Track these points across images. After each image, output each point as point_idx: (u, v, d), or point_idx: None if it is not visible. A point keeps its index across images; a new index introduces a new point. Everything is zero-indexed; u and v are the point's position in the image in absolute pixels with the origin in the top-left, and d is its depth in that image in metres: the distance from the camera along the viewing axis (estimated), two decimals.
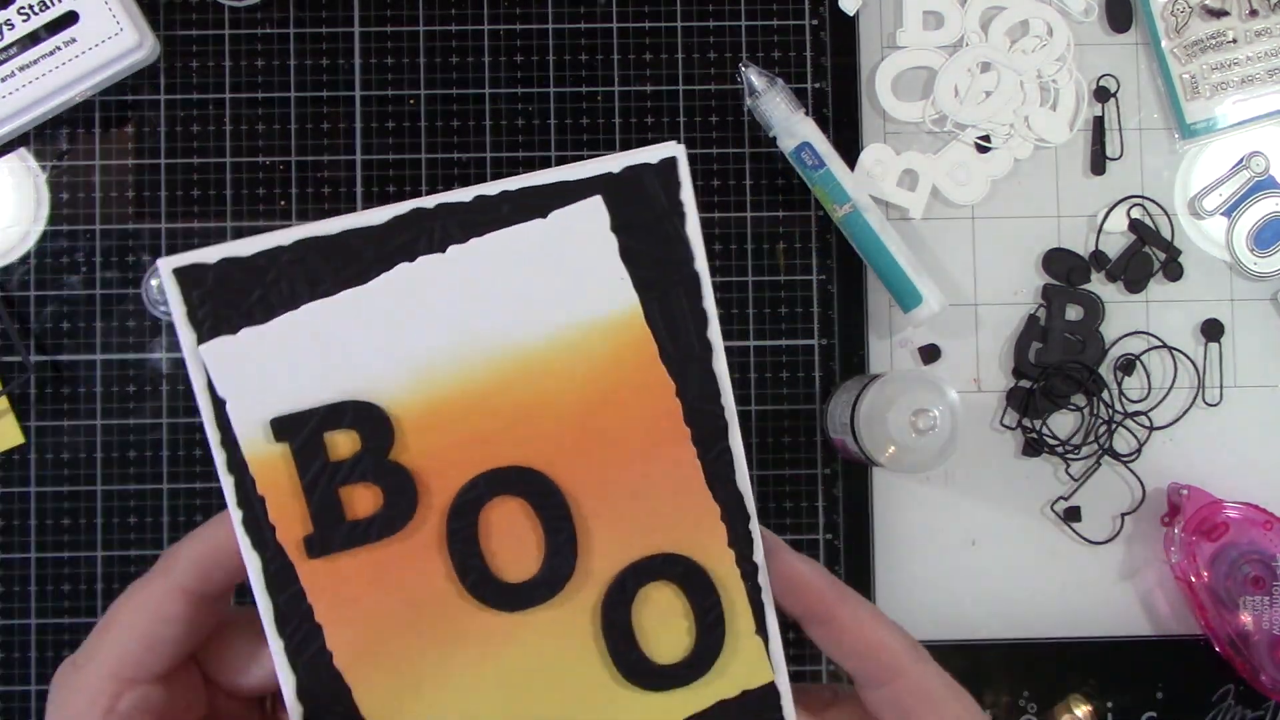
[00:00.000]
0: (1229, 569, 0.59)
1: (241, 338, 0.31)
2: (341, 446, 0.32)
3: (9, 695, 0.59)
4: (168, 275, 0.31)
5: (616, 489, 0.33)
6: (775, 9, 0.62)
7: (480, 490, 0.33)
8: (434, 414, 0.33)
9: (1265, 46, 0.61)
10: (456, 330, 0.32)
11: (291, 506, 0.32)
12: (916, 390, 0.52)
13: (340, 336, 0.32)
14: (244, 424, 0.31)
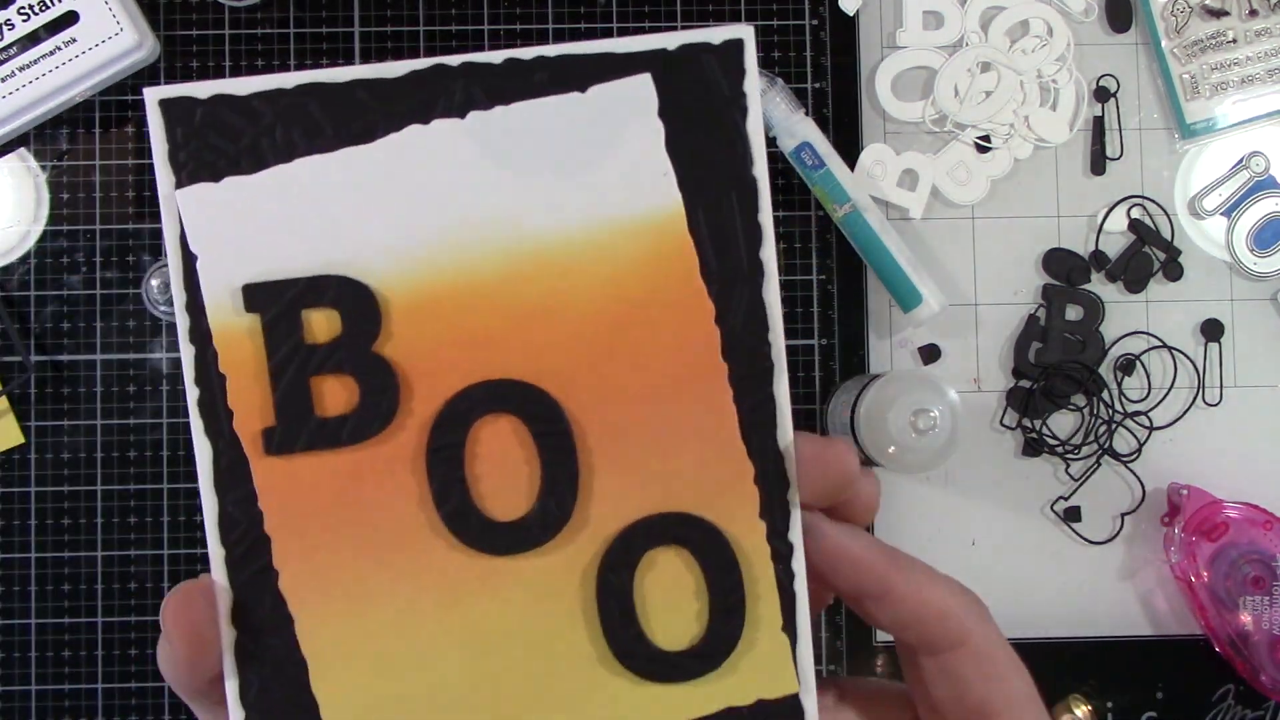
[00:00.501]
0: (1229, 569, 0.59)
1: (224, 186, 0.27)
2: (319, 329, 0.27)
3: (9, 695, 0.59)
4: (152, 106, 0.27)
5: (633, 424, 0.28)
6: (775, 9, 0.62)
7: (473, 402, 0.28)
8: (429, 305, 0.28)
9: (1265, 46, 0.61)
10: (466, 209, 0.27)
11: (253, 392, 0.27)
12: (916, 390, 0.52)
13: (333, 200, 0.27)
14: (214, 286, 0.27)
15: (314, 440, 0.27)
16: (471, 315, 0.27)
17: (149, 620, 0.59)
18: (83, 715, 0.59)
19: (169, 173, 0.27)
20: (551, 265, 0.27)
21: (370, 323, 0.27)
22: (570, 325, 0.28)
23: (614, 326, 0.28)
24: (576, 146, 0.27)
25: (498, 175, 0.27)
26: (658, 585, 0.28)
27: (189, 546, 0.59)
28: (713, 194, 0.28)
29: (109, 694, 0.59)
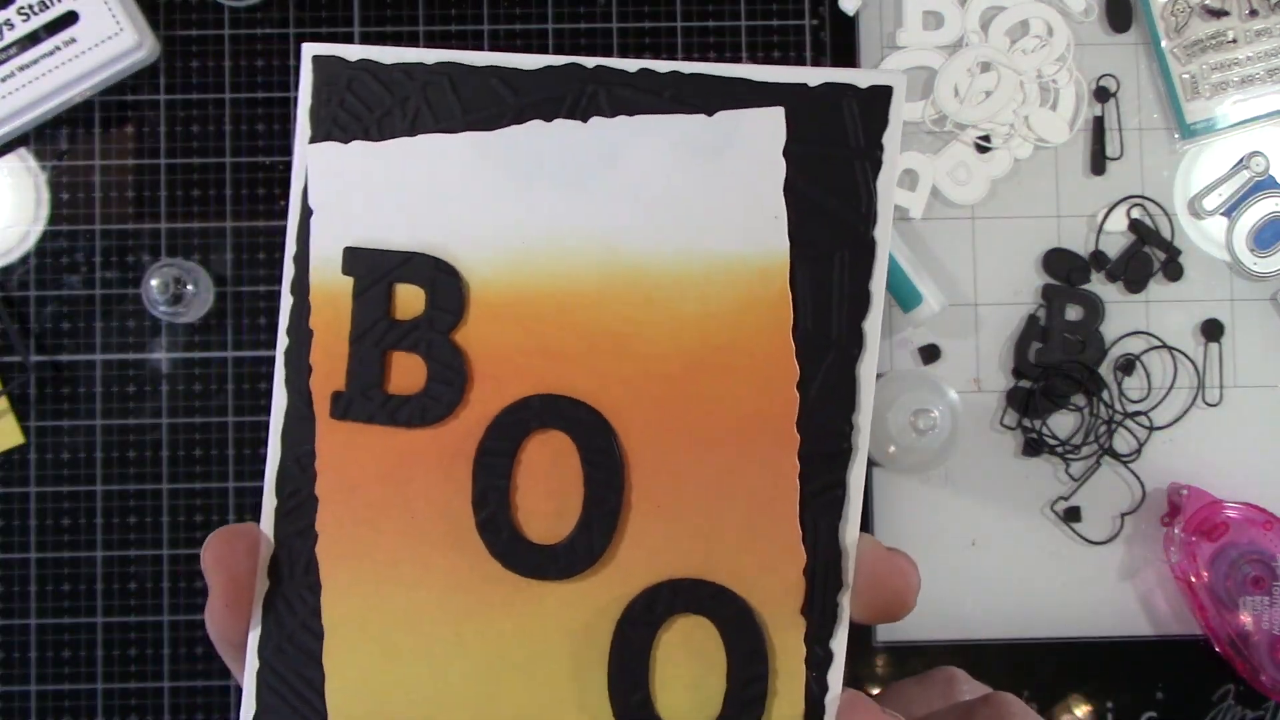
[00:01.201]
0: (1229, 569, 0.59)
1: (351, 149, 0.28)
2: (405, 305, 0.27)
3: (9, 695, 0.59)
4: (307, 61, 0.28)
5: (686, 474, 0.26)
6: (775, 9, 0.62)
7: (532, 412, 0.27)
8: (512, 305, 0.27)
9: (1265, 46, 0.61)
10: (569, 214, 0.27)
11: (333, 353, 0.27)
12: (916, 390, 0.52)
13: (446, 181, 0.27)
14: (322, 242, 0.27)
15: (378, 413, 0.27)
16: (551, 325, 0.27)
17: (149, 620, 0.59)
18: (83, 715, 0.59)
19: (308, 125, 0.28)
20: (641, 290, 0.26)
21: (453, 310, 0.27)
22: (644, 355, 0.26)
23: (689, 367, 0.26)
24: (692, 171, 0.26)
25: (606, 185, 0.27)
26: (676, 653, 0.26)
27: (189, 546, 0.59)
28: (823, 249, 0.26)
29: (109, 694, 0.59)
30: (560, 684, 0.26)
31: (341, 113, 0.28)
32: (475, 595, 0.27)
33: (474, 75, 0.27)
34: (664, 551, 0.26)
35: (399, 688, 0.27)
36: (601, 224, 0.26)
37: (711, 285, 0.26)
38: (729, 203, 0.26)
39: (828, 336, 0.26)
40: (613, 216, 0.26)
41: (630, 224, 0.26)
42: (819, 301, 0.26)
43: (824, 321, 0.26)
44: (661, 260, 0.26)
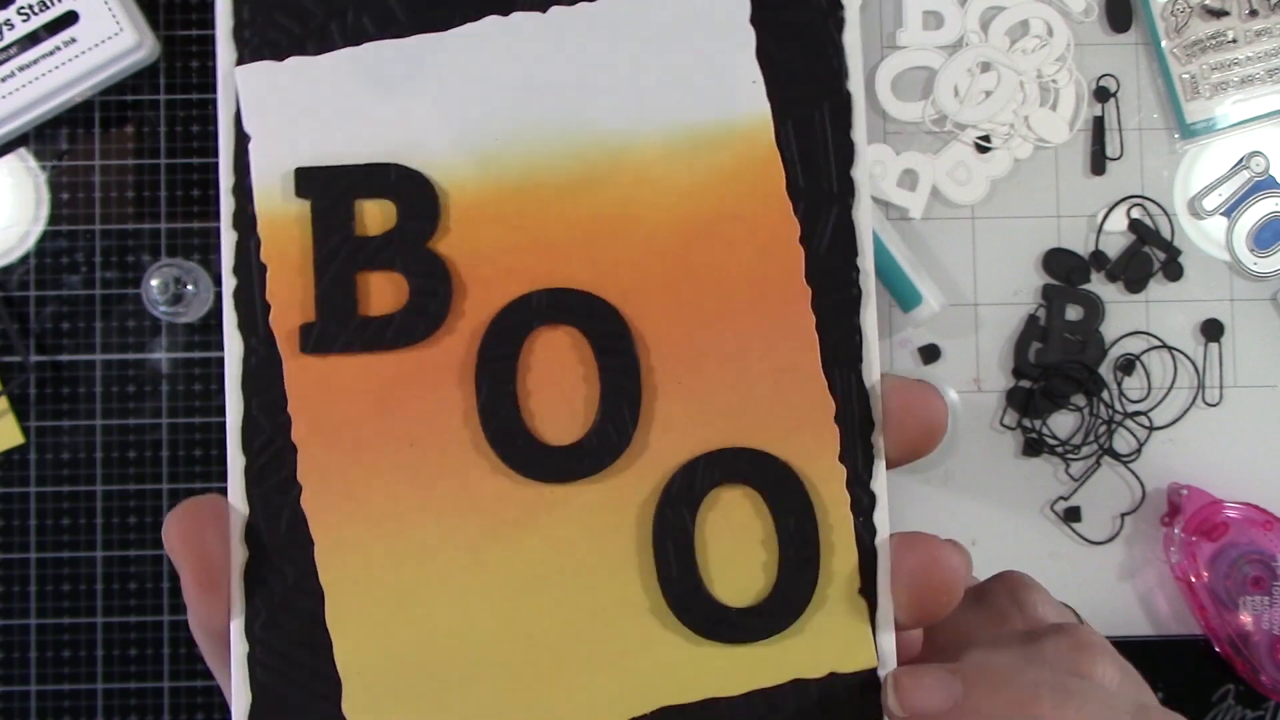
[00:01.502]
0: (1229, 569, 0.59)
1: (287, 66, 0.25)
2: (373, 220, 0.25)
3: (9, 695, 0.59)
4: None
5: (705, 347, 0.25)
6: None
7: (530, 310, 0.25)
8: (493, 204, 0.25)
9: (1265, 46, 0.61)
10: (541, 106, 0.25)
11: (295, 285, 0.25)
12: None
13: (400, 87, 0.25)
14: (264, 169, 0.25)
15: (355, 340, 0.25)
16: (537, 219, 0.25)
17: (149, 620, 0.59)
18: (83, 715, 0.59)
19: (231, 48, 0.26)
20: (626, 171, 0.25)
21: (427, 217, 0.25)
22: (642, 236, 0.25)
23: (689, 240, 0.25)
24: (663, 48, 0.25)
25: (578, 73, 0.25)
26: (722, 529, 0.25)
27: None
28: (803, 107, 0.26)
29: (109, 694, 0.59)
30: (606, 588, 0.25)
31: (271, 30, 0.26)
32: (491, 515, 0.25)
33: None
34: (693, 428, 0.25)
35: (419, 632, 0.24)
36: (577, 110, 0.25)
37: (699, 156, 0.25)
38: (705, 73, 0.26)
39: (821, 189, 0.26)
40: (587, 101, 0.25)
41: (608, 106, 0.25)
42: (807, 157, 0.26)
43: (815, 175, 0.26)
44: (645, 138, 0.25)
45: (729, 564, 0.25)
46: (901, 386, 0.25)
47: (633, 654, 0.25)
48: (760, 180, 0.25)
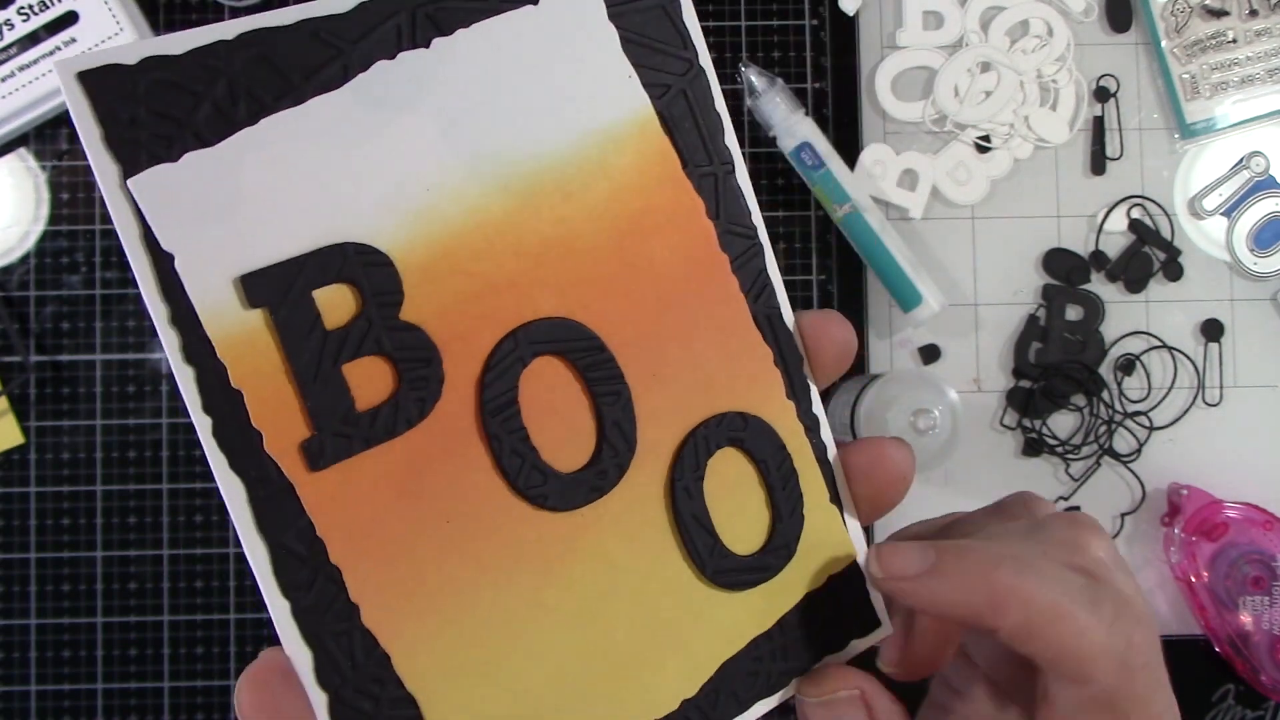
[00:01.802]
0: (1229, 569, 0.59)
1: (185, 165, 0.22)
2: (333, 308, 0.23)
3: (9, 695, 0.59)
4: (69, 83, 0.22)
5: (663, 336, 0.27)
6: (775, 9, 0.62)
7: (518, 349, 0.25)
8: (444, 258, 0.24)
9: (1265, 46, 0.61)
10: (456, 148, 0.25)
11: (278, 401, 0.23)
12: (916, 390, 0.52)
13: (315, 160, 0.23)
14: (202, 286, 0.22)
15: (361, 439, 0.23)
16: (487, 260, 0.25)
17: (149, 620, 0.59)
18: (83, 715, 0.59)
19: (110, 160, 0.22)
20: (551, 192, 0.25)
21: (391, 290, 0.24)
22: (584, 249, 0.26)
23: (622, 241, 0.26)
24: (542, 63, 0.26)
25: (477, 105, 0.25)
26: (719, 492, 0.27)
27: (188, 547, 0.59)
28: (668, 92, 0.27)
29: (109, 694, 0.59)
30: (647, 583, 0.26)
31: (153, 129, 0.22)
32: (537, 558, 0.25)
33: (289, 36, 0.23)
34: (675, 411, 0.27)
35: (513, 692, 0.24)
36: (487, 145, 0.25)
37: (607, 160, 0.26)
38: (585, 79, 0.26)
39: (706, 162, 0.27)
40: (496, 133, 0.25)
41: (513, 133, 0.25)
42: (685, 135, 0.27)
43: (696, 151, 0.27)
44: (557, 155, 0.26)
45: (734, 519, 0.27)
46: (814, 319, 0.28)
47: (688, 629, 0.26)
48: (661, 169, 0.27)
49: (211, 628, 0.59)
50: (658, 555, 0.26)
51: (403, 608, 0.23)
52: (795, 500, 0.28)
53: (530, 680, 0.25)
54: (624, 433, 0.26)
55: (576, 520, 0.25)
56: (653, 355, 0.26)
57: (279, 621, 0.23)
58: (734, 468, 0.27)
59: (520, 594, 0.25)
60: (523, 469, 0.25)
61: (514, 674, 0.24)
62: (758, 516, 0.28)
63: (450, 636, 0.24)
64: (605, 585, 0.25)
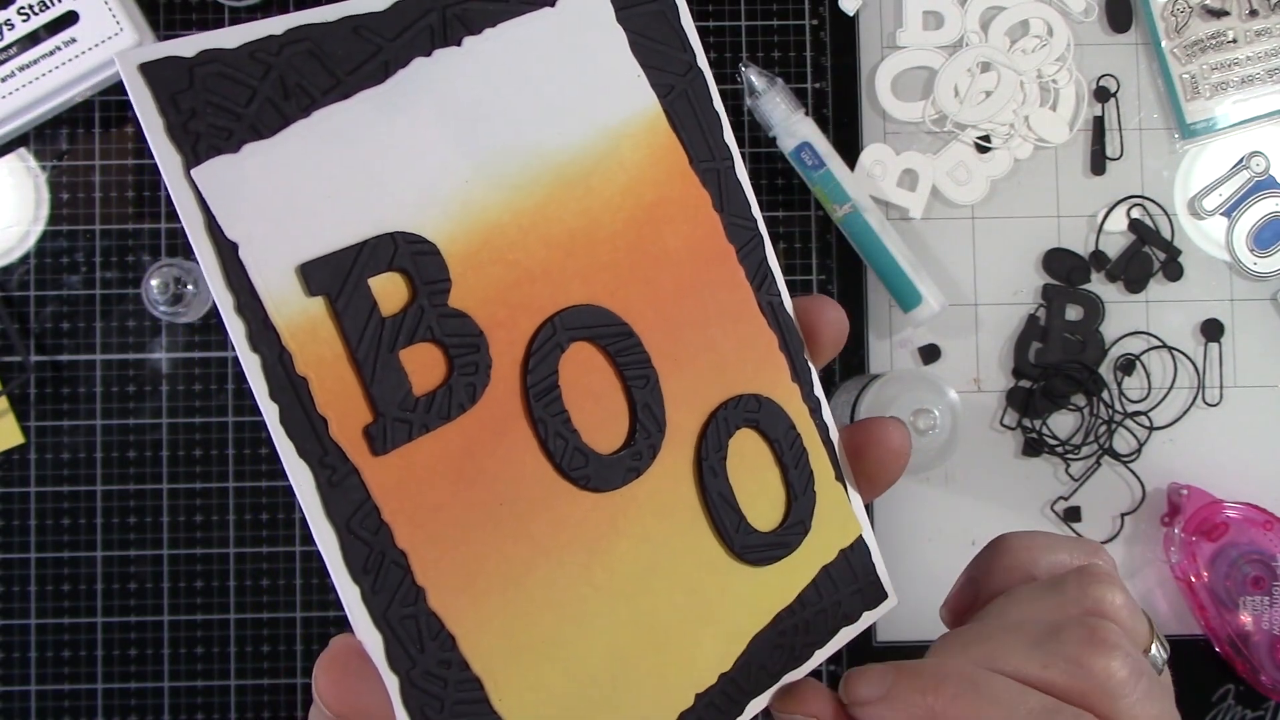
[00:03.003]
0: (1229, 569, 0.59)
1: (245, 156, 0.23)
2: (387, 296, 0.24)
3: (9, 695, 0.59)
4: (131, 75, 0.22)
5: (680, 321, 0.28)
6: (775, 9, 0.62)
7: (556, 335, 0.26)
8: (485, 247, 0.25)
9: (1265, 46, 0.61)
10: (489, 142, 0.26)
11: (343, 387, 0.23)
12: (916, 390, 0.52)
13: (363, 152, 0.24)
14: (266, 274, 0.23)
15: (421, 423, 0.24)
16: (523, 249, 0.26)
17: (149, 620, 0.59)
18: (83, 715, 0.59)
19: (173, 150, 0.22)
20: (575, 185, 0.27)
21: (440, 279, 0.24)
22: (606, 238, 0.27)
23: (640, 231, 0.28)
24: (562, 62, 0.27)
25: (507, 100, 0.26)
26: (740, 471, 0.28)
27: (189, 547, 0.59)
28: (672, 91, 0.29)
29: (109, 694, 0.59)
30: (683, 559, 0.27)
31: (213, 119, 0.23)
32: (585, 537, 0.26)
33: (334, 31, 0.24)
34: (697, 393, 0.28)
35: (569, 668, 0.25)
36: (517, 138, 0.26)
37: (623, 154, 0.28)
38: (600, 78, 0.28)
39: (709, 158, 0.29)
40: (523, 129, 0.27)
41: (539, 129, 0.27)
42: (690, 131, 0.29)
43: (700, 147, 0.29)
44: (579, 149, 0.27)
45: (755, 498, 0.29)
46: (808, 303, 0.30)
47: (719, 604, 0.28)
48: (670, 163, 0.29)
49: (211, 628, 0.59)
50: (689, 533, 0.27)
51: (466, 589, 0.24)
52: (807, 479, 0.29)
53: (584, 657, 0.26)
54: (655, 415, 0.27)
55: (616, 500, 0.26)
56: (671, 339, 0.28)
57: (350, 606, 0.23)
58: (751, 448, 0.29)
59: (571, 573, 0.26)
60: (566, 451, 0.26)
61: (569, 651, 0.25)
62: (776, 494, 0.29)
63: (509, 617, 0.25)
64: (646, 562, 0.27)
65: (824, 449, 0.30)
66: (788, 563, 0.29)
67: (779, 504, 0.29)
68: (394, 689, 0.23)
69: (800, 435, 0.29)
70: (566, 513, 0.26)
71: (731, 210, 0.29)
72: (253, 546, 0.59)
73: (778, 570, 0.29)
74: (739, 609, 0.28)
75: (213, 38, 0.23)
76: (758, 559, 0.28)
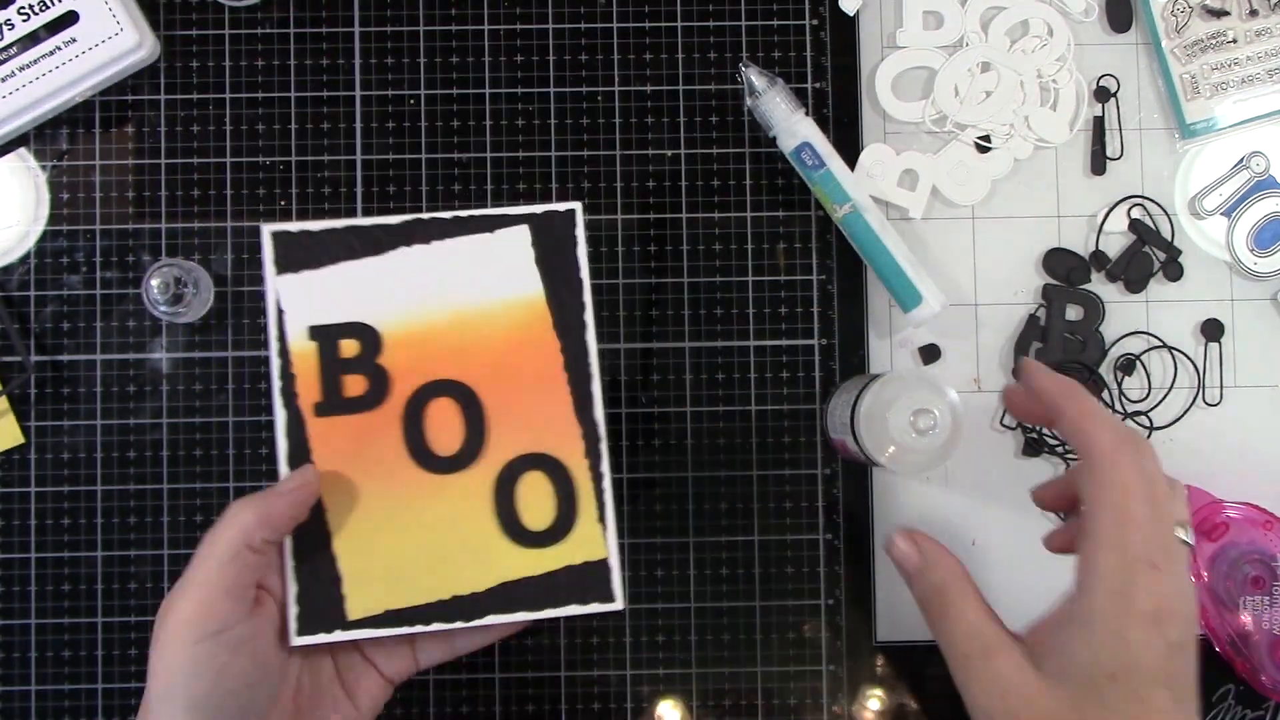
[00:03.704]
0: (1229, 569, 0.59)
1: (302, 276, 0.53)
2: (347, 349, 0.52)
3: (9, 695, 0.59)
4: (267, 235, 0.52)
5: (515, 405, 0.53)
6: (775, 9, 0.62)
7: (429, 390, 0.52)
8: (407, 339, 0.52)
9: (1265, 46, 0.61)
10: (429, 289, 0.53)
11: (311, 382, 0.52)
12: (916, 390, 0.52)
13: (359, 283, 0.53)
14: (294, 327, 0.52)
15: (343, 408, 0.52)
16: (429, 344, 0.53)
17: (149, 620, 0.59)
18: (83, 715, 0.59)
19: (273, 267, 0.53)
20: (474, 321, 0.53)
21: (375, 348, 0.53)
22: (483, 352, 0.53)
23: (507, 352, 0.53)
24: (489, 260, 0.53)
25: (447, 273, 0.53)
26: (528, 492, 0.52)
27: (189, 546, 0.59)
28: (558, 286, 0.53)
29: (109, 694, 0.59)
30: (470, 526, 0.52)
31: (293, 257, 0.53)
32: (415, 492, 0.52)
33: (364, 230, 0.53)
34: (511, 443, 0.53)
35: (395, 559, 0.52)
36: (447, 292, 0.53)
37: (509, 312, 0.53)
38: (509, 272, 0.53)
39: (569, 325, 0.53)
40: (453, 287, 0.53)
41: (462, 290, 0.53)
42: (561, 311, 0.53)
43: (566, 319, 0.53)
44: (482, 306, 0.53)
45: (532, 509, 0.52)
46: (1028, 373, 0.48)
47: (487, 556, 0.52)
48: (539, 322, 0.53)
49: None
50: (480, 513, 0.52)
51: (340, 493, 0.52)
52: (572, 510, 0.52)
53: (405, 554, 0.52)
54: (475, 443, 0.52)
55: (439, 480, 0.52)
56: (506, 412, 0.53)
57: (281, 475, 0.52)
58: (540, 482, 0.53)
59: (401, 508, 0.52)
60: (416, 447, 0.52)
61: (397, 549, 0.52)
62: (548, 512, 0.52)
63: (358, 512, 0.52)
64: (447, 518, 0.52)
65: (594, 499, 0.52)
66: (541, 551, 0.52)
67: (549, 518, 0.52)
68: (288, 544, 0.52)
69: (575, 487, 0.52)
70: (407, 477, 0.52)
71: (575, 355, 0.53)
72: None
73: (534, 552, 0.52)
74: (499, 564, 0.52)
75: (307, 225, 0.53)
76: (521, 541, 0.52)
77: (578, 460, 0.52)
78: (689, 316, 0.60)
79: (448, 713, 0.59)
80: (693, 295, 0.60)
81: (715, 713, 0.60)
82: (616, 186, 0.61)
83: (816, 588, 0.60)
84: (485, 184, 0.61)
